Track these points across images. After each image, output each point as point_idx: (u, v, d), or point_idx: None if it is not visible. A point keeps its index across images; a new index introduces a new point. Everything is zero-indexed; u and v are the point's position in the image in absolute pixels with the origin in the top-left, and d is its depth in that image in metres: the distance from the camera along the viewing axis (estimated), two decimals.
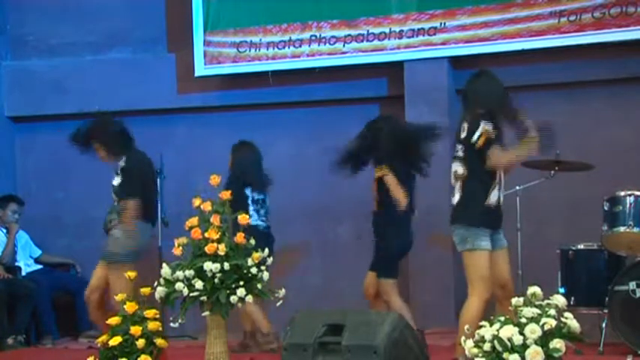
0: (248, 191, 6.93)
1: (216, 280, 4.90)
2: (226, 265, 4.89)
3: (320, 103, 8.23)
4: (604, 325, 6.14)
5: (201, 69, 8.36)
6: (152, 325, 4.82)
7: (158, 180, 7.40)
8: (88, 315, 8.02)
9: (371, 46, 7.87)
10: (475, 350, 3.97)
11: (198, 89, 8.49)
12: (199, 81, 8.42)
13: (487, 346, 3.92)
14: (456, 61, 7.74)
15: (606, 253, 6.39)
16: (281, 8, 8.13)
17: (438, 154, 7.39)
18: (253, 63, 8.21)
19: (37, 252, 8.46)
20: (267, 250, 5.08)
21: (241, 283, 4.93)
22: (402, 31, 7.76)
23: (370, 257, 6.52)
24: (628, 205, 6.14)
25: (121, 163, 6.64)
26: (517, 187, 6.67)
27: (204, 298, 4.91)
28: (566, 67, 7.48)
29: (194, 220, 5.08)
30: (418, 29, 7.72)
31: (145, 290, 4.98)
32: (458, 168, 5.41)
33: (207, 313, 4.99)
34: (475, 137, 5.29)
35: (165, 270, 4.99)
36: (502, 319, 4.00)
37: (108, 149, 6.72)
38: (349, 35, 7.92)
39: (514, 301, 4.05)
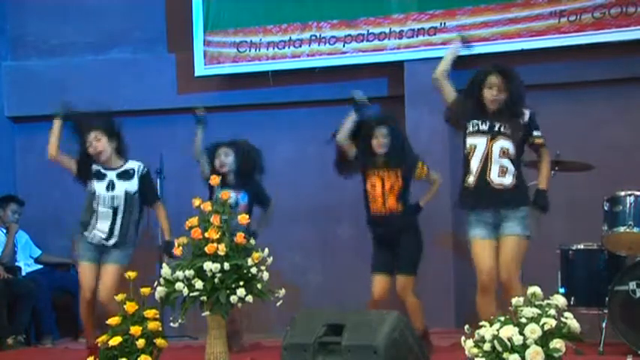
0: None
1: (216, 280, 4.91)
2: (226, 265, 4.90)
3: (320, 103, 8.21)
4: (604, 325, 6.14)
5: (201, 69, 8.35)
6: (152, 325, 4.83)
7: (158, 180, 7.40)
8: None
9: (371, 46, 7.87)
10: (475, 350, 3.97)
11: (198, 89, 8.47)
12: (199, 81, 8.41)
13: (487, 346, 3.92)
14: (456, 61, 7.72)
15: (606, 253, 6.38)
16: (281, 8, 8.13)
17: (437, 154, 7.41)
18: (253, 63, 8.21)
19: (37, 252, 8.46)
20: (267, 250, 5.09)
21: (241, 283, 4.94)
22: (402, 31, 7.76)
23: (370, 257, 6.52)
24: (628, 205, 6.13)
25: (135, 168, 6.39)
26: None
27: (204, 298, 4.92)
28: (566, 67, 7.47)
29: (194, 220, 5.09)
30: (418, 29, 7.72)
31: (145, 290, 4.98)
32: (507, 145, 5.36)
33: (207, 313, 5.00)
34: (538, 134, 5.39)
35: (165, 270, 4.99)
36: (502, 319, 4.00)
37: (116, 146, 6.40)
38: (349, 35, 7.92)
39: (514, 301, 4.05)
